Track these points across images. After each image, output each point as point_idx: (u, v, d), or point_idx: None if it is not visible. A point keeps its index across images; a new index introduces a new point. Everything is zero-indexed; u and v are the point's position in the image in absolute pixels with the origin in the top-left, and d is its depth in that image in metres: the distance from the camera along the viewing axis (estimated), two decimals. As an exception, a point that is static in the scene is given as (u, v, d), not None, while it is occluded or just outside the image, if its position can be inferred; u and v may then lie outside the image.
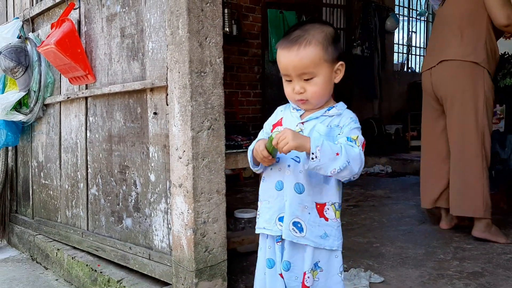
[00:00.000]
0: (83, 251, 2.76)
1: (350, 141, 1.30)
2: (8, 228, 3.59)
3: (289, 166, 1.36)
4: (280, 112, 1.49)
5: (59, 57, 2.59)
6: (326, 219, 1.36)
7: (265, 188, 1.43)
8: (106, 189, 2.58)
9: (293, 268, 1.38)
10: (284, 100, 1.53)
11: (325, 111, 1.38)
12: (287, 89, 1.38)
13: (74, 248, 2.83)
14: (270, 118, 1.50)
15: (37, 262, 3.13)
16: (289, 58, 1.32)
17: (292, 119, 1.42)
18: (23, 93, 3.07)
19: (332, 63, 1.34)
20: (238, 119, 5.64)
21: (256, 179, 5.63)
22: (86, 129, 2.74)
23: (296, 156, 1.35)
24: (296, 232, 1.35)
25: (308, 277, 1.37)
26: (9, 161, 3.59)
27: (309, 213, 1.35)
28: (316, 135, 1.32)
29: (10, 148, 3.57)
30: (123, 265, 2.43)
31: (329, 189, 1.36)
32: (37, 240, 3.15)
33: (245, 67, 6.20)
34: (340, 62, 1.36)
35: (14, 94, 3.09)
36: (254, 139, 2.95)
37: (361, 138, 1.33)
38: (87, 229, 2.75)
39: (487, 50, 2.86)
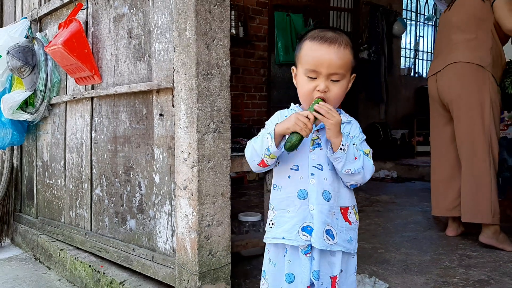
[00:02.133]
0: (86, 251, 2.75)
1: (365, 154, 1.35)
2: (12, 227, 3.59)
3: (312, 174, 1.34)
4: (285, 118, 1.44)
5: (66, 57, 2.59)
6: (350, 223, 1.38)
7: (282, 197, 1.38)
8: (111, 190, 2.57)
9: (321, 275, 1.36)
10: (289, 103, 1.51)
11: None
12: (308, 85, 1.33)
13: (77, 248, 2.83)
14: (270, 121, 1.45)
15: (40, 261, 3.13)
16: (328, 53, 1.30)
17: None
18: (29, 93, 3.08)
19: (351, 72, 1.37)
20: (243, 121, 5.64)
21: (261, 182, 5.61)
22: (91, 130, 2.73)
23: (318, 164, 1.35)
24: (329, 240, 1.33)
25: (339, 279, 1.37)
26: (14, 160, 3.60)
27: (337, 219, 1.35)
28: (347, 136, 1.35)
29: (15, 147, 3.57)
30: (126, 266, 2.42)
31: (349, 192, 1.39)
32: (41, 240, 3.14)
33: (251, 69, 6.20)
34: (354, 74, 1.39)
35: (20, 93, 3.10)
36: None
37: (371, 150, 1.39)
38: (91, 230, 2.74)
39: (493, 55, 2.85)
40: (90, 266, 2.57)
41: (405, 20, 8.28)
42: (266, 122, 1.46)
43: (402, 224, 3.49)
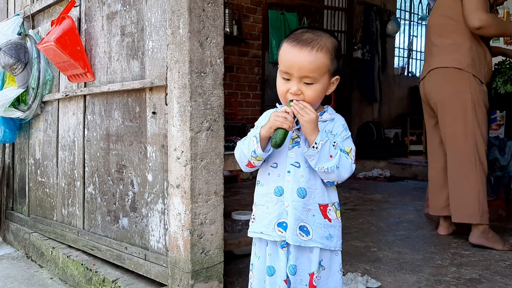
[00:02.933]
0: (78, 250, 2.74)
1: (345, 153, 1.36)
2: (4, 225, 3.57)
3: (289, 172, 1.36)
4: None
5: (59, 55, 2.57)
6: (330, 220, 1.38)
7: (263, 193, 1.42)
8: (103, 188, 2.56)
9: (299, 271, 1.38)
10: None
11: (319, 117, 1.37)
12: (282, 87, 1.35)
13: (70, 247, 2.82)
14: (259, 121, 1.47)
15: (32, 260, 3.11)
16: (298, 57, 1.29)
17: None
18: (21, 90, 3.06)
19: (331, 75, 1.36)
20: (237, 120, 5.63)
21: (254, 181, 5.60)
22: (84, 127, 2.72)
23: (296, 162, 1.36)
24: (303, 236, 1.35)
25: (316, 277, 1.38)
26: (6, 158, 3.57)
27: (314, 215, 1.36)
28: (324, 133, 1.34)
29: (7, 145, 3.55)
30: (118, 265, 2.41)
31: (329, 190, 1.39)
32: (33, 238, 3.13)
33: (245, 68, 6.19)
34: (337, 76, 1.38)
35: (12, 90, 3.08)
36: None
37: (353, 148, 1.39)
38: (83, 228, 2.73)
39: (473, 55, 2.87)
40: (82, 264, 2.56)
41: (399, 19, 8.31)
42: (255, 123, 1.47)
43: (395, 223, 3.50)
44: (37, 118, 3.20)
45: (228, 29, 5.55)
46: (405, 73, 8.89)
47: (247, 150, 1.38)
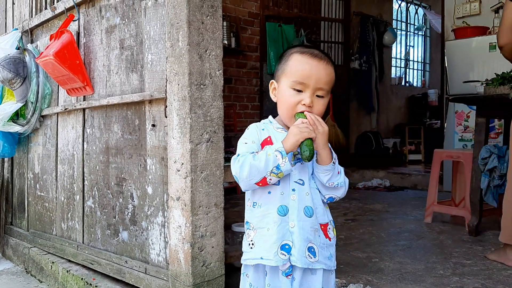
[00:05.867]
0: (78, 264, 2.72)
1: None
2: (3, 240, 3.55)
3: (293, 190, 1.31)
4: (262, 131, 1.39)
5: (58, 69, 2.58)
6: (330, 239, 1.36)
7: (261, 214, 1.32)
8: (103, 201, 2.55)
9: None
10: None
11: None
12: (293, 98, 1.30)
13: (69, 261, 2.79)
14: (249, 135, 1.38)
15: (31, 275, 3.08)
16: (318, 67, 1.31)
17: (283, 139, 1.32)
18: (20, 104, 3.06)
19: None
20: (236, 131, 5.63)
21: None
22: (83, 141, 2.71)
23: (300, 179, 1.32)
24: (311, 258, 1.30)
25: None
26: (4, 173, 3.56)
27: (319, 236, 1.33)
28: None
29: (6, 159, 3.54)
30: (119, 279, 2.39)
31: (326, 208, 1.38)
32: (32, 253, 3.10)
33: (243, 79, 6.21)
34: (330, 94, 1.40)
35: (11, 105, 3.08)
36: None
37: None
38: (83, 242, 2.71)
39: None
40: (82, 279, 2.54)
41: (395, 30, 8.37)
42: (241, 140, 1.38)
43: (396, 233, 3.49)
44: (36, 132, 3.19)
45: (226, 41, 5.58)
46: (402, 83, 8.92)
47: (263, 166, 1.25)
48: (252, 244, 1.33)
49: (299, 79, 1.30)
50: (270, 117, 1.45)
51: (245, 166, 1.28)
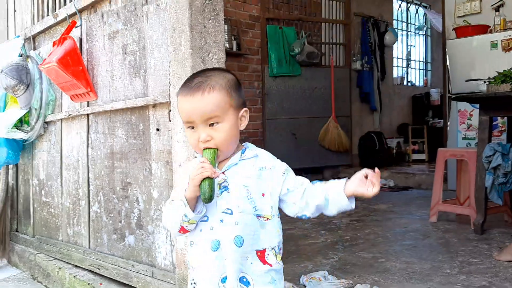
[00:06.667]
0: (85, 269, 2.72)
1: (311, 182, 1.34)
2: (9, 247, 3.55)
3: (222, 221, 1.25)
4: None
5: (61, 75, 2.59)
6: (270, 265, 1.28)
7: (198, 253, 1.28)
8: (108, 206, 2.56)
9: None
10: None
11: (241, 155, 1.29)
12: (192, 139, 1.26)
13: (76, 266, 2.80)
14: (185, 174, 1.31)
15: (38, 281, 3.09)
16: (193, 104, 1.22)
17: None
18: (24, 111, 3.07)
19: (237, 109, 1.27)
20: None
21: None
22: (87, 146, 2.72)
23: (227, 209, 1.25)
24: None
25: None
26: (9, 179, 3.57)
27: (252, 263, 1.26)
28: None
29: (10, 166, 3.55)
30: (125, 283, 2.40)
31: (266, 234, 1.28)
32: (38, 259, 3.11)
33: (245, 82, 6.22)
34: (245, 109, 1.30)
35: (15, 112, 3.09)
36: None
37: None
38: (89, 247, 2.72)
39: None
40: (89, 284, 2.55)
41: (396, 30, 8.37)
42: (172, 193, 1.33)
43: (401, 233, 3.49)
44: (41, 139, 3.20)
45: (227, 45, 5.59)
46: (405, 83, 8.92)
47: (176, 216, 1.23)
48: (194, 283, 1.30)
49: (185, 120, 1.26)
50: (198, 155, 1.37)
51: (165, 216, 1.29)
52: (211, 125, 1.22)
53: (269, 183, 1.29)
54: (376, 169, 1.27)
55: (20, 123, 3.16)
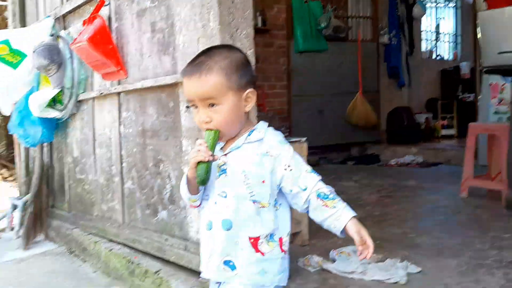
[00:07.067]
0: (119, 243, 2.81)
1: (313, 172, 1.26)
2: (46, 222, 3.69)
3: (215, 203, 1.27)
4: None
5: (91, 54, 2.63)
6: (262, 254, 1.25)
7: (201, 228, 1.34)
8: (141, 182, 2.62)
9: None
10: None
11: (246, 138, 1.27)
12: (196, 118, 1.27)
13: (111, 240, 2.89)
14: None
15: (75, 255, 3.20)
16: (191, 84, 1.23)
17: (216, 152, 1.27)
18: (57, 90, 3.14)
19: (239, 91, 1.24)
20: (264, 111, 5.64)
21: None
22: (119, 124, 2.78)
23: (223, 192, 1.26)
24: (228, 271, 1.25)
25: None
26: (44, 158, 3.68)
27: (242, 249, 1.25)
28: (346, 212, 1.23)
29: (45, 144, 3.65)
30: (159, 256, 2.47)
31: (261, 221, 1.25)
32: (74, 234, 3.22)
33: (270, 59, 6.18)
34: (250, 90, 1.26)
35: (48, 91, 3.16)
36: (284, 130, 2.92)
37: (304, 161, 1.29)
38: (123, 222, 2.80)
39: None
40: (124, 257, 2.63)
41: (424, 2, 8.13)
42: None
43: (431, 209, 3.47)
44: (73, 117, 3.28)
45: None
46: (433, 57, 8.70)
47: (183, 195, 1.32)
48: (202, 256, 1.34)
49: (187, 98, 1.28)
50: None
51: (180, 192, 1.35)
52: (212, 105, 1.22)
53: (270, 171, 1.24)
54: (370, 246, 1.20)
55: (54, 102, 3.23)
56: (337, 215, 1.22)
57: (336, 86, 6.39)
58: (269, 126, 1.30)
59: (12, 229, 3.77)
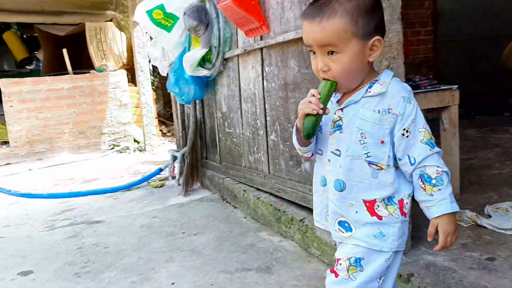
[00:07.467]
0: (266, 192, 2.99)
1: (429, 144, 1.14)
2: (201, 172, 4.06)
3: (329, 160, 1.22)
4: None
5: (236, 12, 2.74)
6: (380, 218, 1.18)
7: (315, 181, 1.32)
8: (284, 135, 2.72)
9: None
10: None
11: (366, 91, 1.16)
12: (313, 65, 1.18)
13: (258, 189, 3.09)
14: None
15: (226, 202, 3.50)
16: (310, 30, 1.13)
17: (330, 105, 1.20)
18: (205, 50, 3.36)
19: (365, 38, 1.12)
20: (409, 59, 5.33)
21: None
22: (262, 79, 2.89)
23: (337, 149, 1.19)
24: (343, 232, 1.22)
25: (340, 264, 1.22)
26: (197, 113, 4.00)
27: (357, 212, 1.19)
28: (444, 205, 1.13)
29: (197, 101, 3.96)
30: (303, 205, 2.57)
31: (378, 184, 1.17)
32: (226, 183, 3.50)
33: (414, 3, 5.76)
34: (376, 37, 1.13)
35: (198, 51, 3.40)
36: (432, 79, 2.75)
37: (428, 128, 1.15)
38: (269, 173, 2.95)
39: None
40: (271, 205, 2.79)
41: None
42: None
43: None
44: (221, 75, 3.49)
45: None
46: None
47: (294, 143, 1.29)
48: (315, 206, 1.34)
49: (305, 42, 1.17)
50: None
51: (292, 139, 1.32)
52: (331, 53, 1.13)
53: (390, 131, 1.15)
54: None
55: (203, 62, 3.47)
56: (430, 205, 1.15)
57: (489, 29, 5.73)
58: (403, 76, 1.23)
59: (173, 177, 4.24)
